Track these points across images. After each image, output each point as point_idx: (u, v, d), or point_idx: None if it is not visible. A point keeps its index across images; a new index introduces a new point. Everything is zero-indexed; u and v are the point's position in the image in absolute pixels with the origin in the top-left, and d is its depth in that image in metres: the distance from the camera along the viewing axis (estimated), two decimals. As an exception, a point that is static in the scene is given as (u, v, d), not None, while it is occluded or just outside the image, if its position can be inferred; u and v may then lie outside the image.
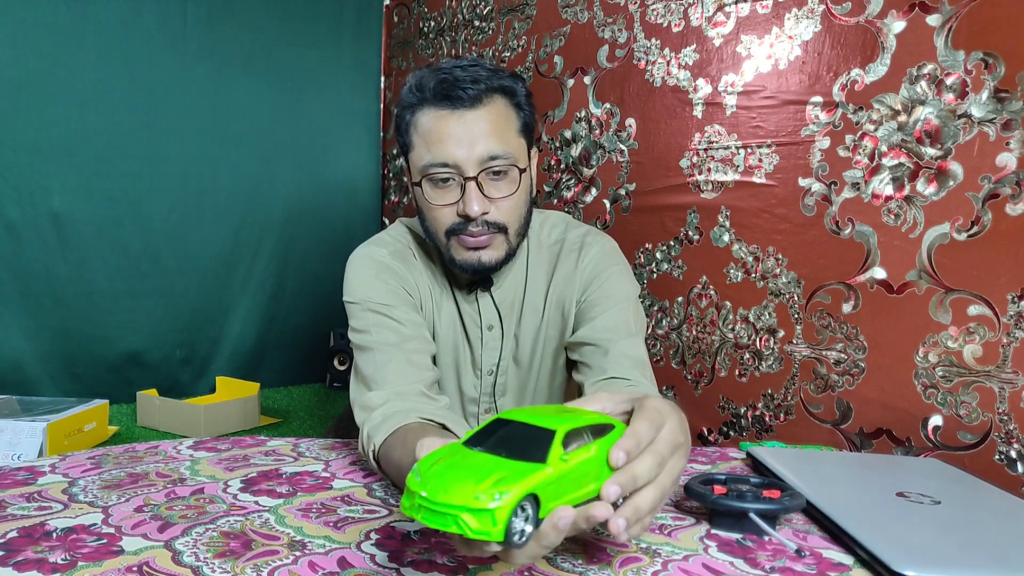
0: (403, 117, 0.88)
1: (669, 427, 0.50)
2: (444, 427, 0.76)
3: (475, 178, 0.83)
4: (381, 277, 0.91)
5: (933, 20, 1.32)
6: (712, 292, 1.73)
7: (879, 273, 1.41)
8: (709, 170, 1.71)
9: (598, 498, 0.46)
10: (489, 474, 0.41)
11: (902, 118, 1.37)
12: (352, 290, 0.91)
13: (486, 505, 0.39)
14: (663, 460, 0.48)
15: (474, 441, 0.46)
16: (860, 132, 1.44)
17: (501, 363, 0.98)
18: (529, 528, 0.42)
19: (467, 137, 0.82)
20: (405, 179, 0.90)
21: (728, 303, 1.70)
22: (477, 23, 2.47)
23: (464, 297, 0.96)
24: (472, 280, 0.94)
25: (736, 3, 1.65)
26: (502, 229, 0.86)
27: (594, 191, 2.00)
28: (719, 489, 0.63)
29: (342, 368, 2.89)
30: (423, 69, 0.89)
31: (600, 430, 0.48)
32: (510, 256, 0.90)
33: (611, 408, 0.54)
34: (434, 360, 0.94)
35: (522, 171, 0.86)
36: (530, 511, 0.42)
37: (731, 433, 1.70)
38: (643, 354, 0.92)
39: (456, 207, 0.84)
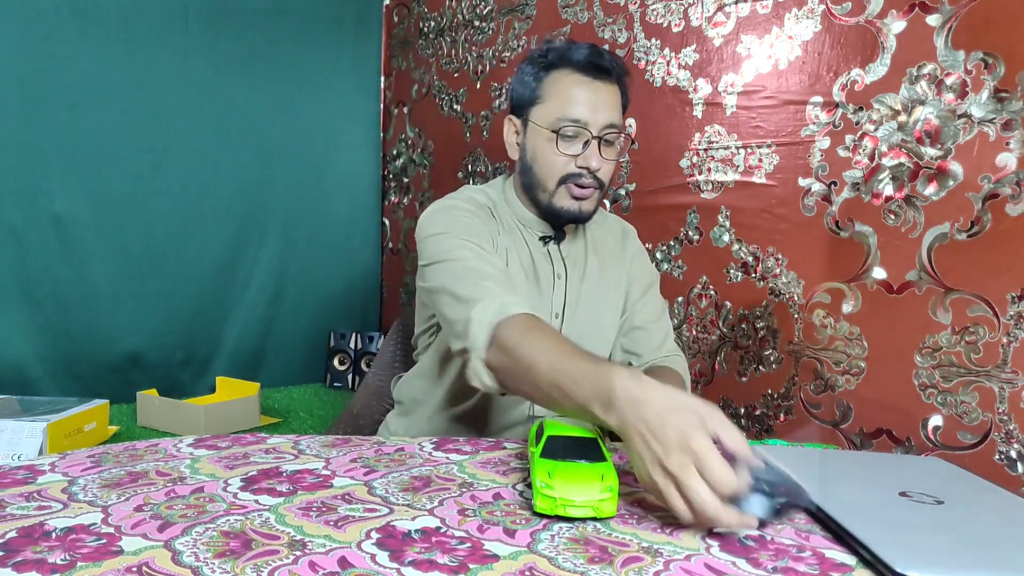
0: (536, 72, 1.01)
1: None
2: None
3: (599, 139, 0.98)
4: (461, 219, 1.00)
5: (933, 20, 1.32)
6: (712, 292, 1.73)
7: (879, 273, 1.41)
8: (709, 170, 1.71)
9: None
10: (597, 476, 0.62)
11: (902, 118, 1.37)
12: (433, 225, 0.98)
13: (611, 495, 0.61)
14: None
15: (548, 452, 0.66)
16: (860, 132, 1.44)
17: (567, 308, 1.08)
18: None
19: (598, 104, 0.98)
20: (510, 128, 1.06)
21: (728, 303, 1.70)
22: (477, 23, 2.47)
23: (538, 248, 1.09)
24: (544, 235, 1.08)
25: (736, 3, 1.65)
26: (601, 186, 1.02)
27: (594, 191, 2.00)
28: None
29: (342, 368, 2.89)
30: (555, 40, 1.05)
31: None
32: (595, 211, 1.05)
33: None
34: None
35: (628, 141, 1.06)
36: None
37: (731, 433, 1.70)
38: (670, 327, 1.14)
39: (576, 159, 0.99)
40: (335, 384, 2.89)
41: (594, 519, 0.61)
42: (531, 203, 1.07)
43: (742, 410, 1.67)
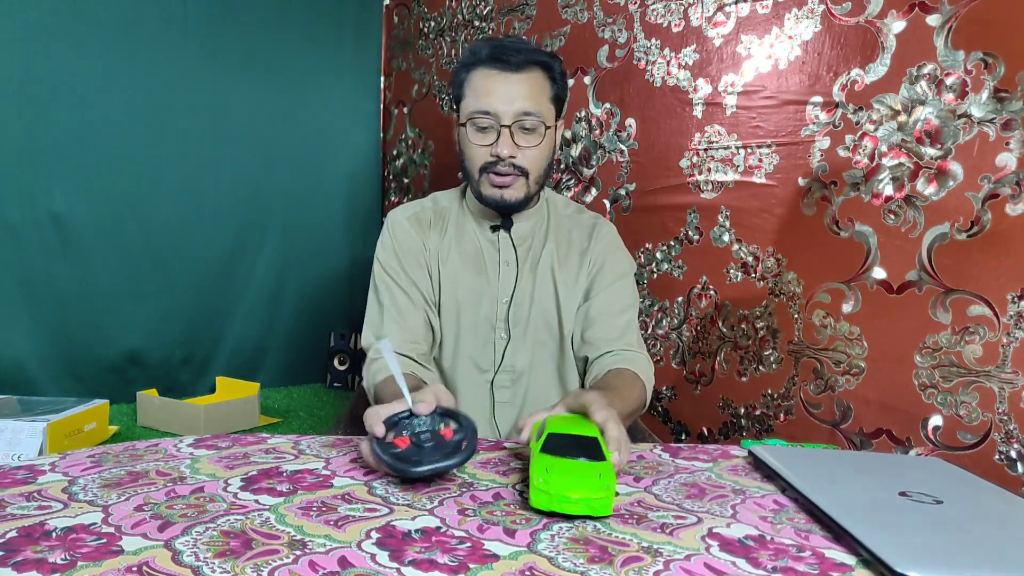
0: (459, 73, 1.09)
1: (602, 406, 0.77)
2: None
3: (509, 127, 1.03)
4: (400, 239, 1.14)
5: (933, 20, 1.32)
6: (712, 292, 1.73)
7: (879, 273, 1.41)
8: (709, 170, 1.71)
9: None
10: (594, 474, 0.62)
11: (902, 118, 1.37)
12: (376, 253, 1.15)
13: (607, 493, 0.61)
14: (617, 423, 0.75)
15: (548, 448, 0.66)
16: (860, 132, 1.44)
17: (516, 295, 1.12)
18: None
19: (508, 94, 1.03)
20: (455, 130, 1.14)
21: (728, 303, 1.70)
22: (477, 23, 2.47)
23: (487, 237, 1.15)
24: (495, 224, 1.14)
25: (736, 3, 1.65)
26: (524, 173, 1.06)
27: (594, 191, 2.00)
28: (401, 441, 0.71)
29: (342, 368, 2.89)
30: (481, 40, 1.14)
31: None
32: (528, 199, 1.10)
33: (572, 404, 0.79)
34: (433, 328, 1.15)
35: (548, 128, 1.06)
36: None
37: (731, 433, 1.70)
38: (633, 322, 1.15)
39: (491, 148, 1.05)
40: (335, 384, 2.89)
41: (591, 517, 0.61)
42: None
43: (742, 410, 1.67)
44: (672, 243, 1.81)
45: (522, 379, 1.13)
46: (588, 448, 0.67)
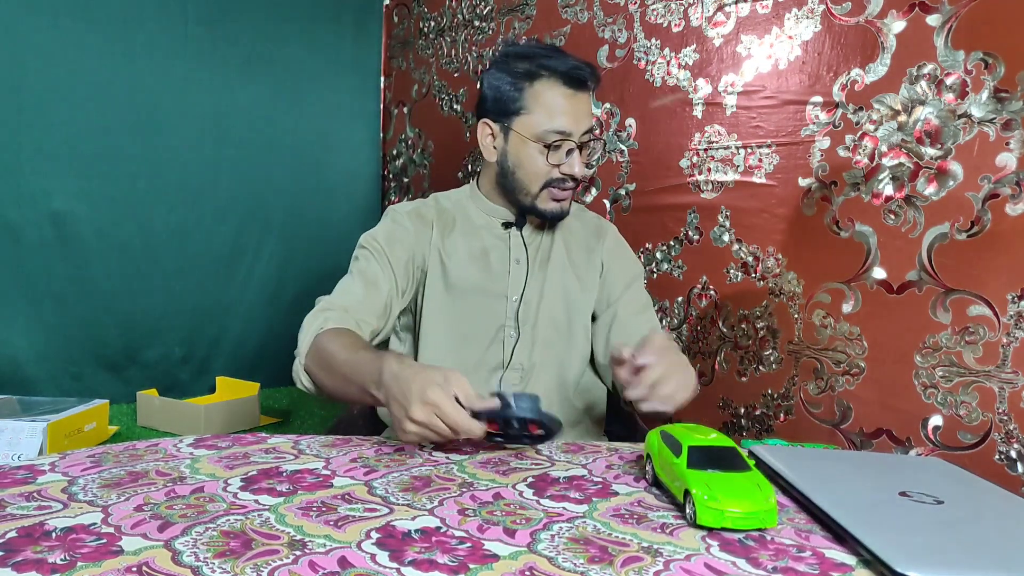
0: (513, 82, 1.06)
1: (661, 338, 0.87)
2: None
3: (580, 146, 1.06)
4: (394, 227, 1.13)
5: (933, 20, 1.32)
6: (712, 292, 1.73)
7: (879, 273, 1.41)
8: (709, 170, 1.71)
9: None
10: (753, 486, 0.62)
11: (902, 118, 1.37)
12: (364, 236, 1.15)
13: (773, 504, 0.61)
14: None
15: (694, 463, 0.64)
16: (860, 132, 1.44)
17: (526, 292, 1.13)
18: None
19: (579, 113, 1.05)
20: (485, 131, 1.11)
21: (728, 303, 1.70)
22: (477, 23, 2.47)
23: (497, 235, 1.16)
24: (507, 222, 1.16)
25: (736, 3, 1.65)
26: (577, 185, 1.10)
27: (594, 191, 2.00)
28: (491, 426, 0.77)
29: (341, 368, 2.88)
30: (531, 44, 1.19)
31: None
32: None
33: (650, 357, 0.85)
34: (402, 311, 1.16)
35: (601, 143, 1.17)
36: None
37: (731, 433, 1.70)
38: (655, 319, 1.19)
39: (560, 167, 1.06)
40: (335, 384, 2.88)
41: (759, 530, 0.61)
42: (502, 198, 1.14)
43: (742, 410, 1.67)
44: (672, 243, 1.81)
45: (529, 377, 1.14)
46: (731, 459, 0.65)
